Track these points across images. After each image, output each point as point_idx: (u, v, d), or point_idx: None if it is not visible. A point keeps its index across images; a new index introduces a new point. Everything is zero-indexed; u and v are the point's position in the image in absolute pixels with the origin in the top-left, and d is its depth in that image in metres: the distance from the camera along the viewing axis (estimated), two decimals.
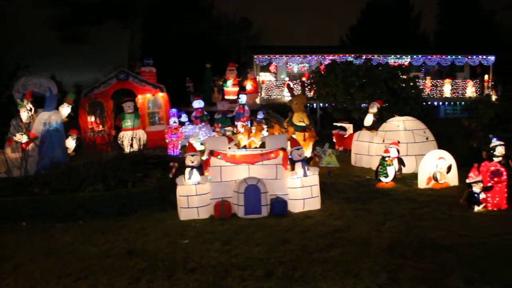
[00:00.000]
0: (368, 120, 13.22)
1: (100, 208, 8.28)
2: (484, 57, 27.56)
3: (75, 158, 12.33)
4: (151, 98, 17.20)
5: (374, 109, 13.32)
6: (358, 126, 13.99)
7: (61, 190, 8.73)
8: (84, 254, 6.43)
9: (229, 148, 8.84)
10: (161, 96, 17.27)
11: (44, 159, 11.10)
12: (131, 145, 12.79)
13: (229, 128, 15.02)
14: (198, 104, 17.77)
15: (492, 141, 8.28)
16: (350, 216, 7.86)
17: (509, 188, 8.19)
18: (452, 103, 26.82)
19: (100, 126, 13.89)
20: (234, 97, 21.51)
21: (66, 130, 12.98)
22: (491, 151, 8.21)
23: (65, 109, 13.40)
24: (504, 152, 8.20)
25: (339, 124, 15.41)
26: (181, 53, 29.59)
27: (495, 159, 8.17)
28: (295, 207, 8.24)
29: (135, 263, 6.02)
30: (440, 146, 11.33)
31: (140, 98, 17.00)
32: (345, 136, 14.67)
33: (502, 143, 8.22)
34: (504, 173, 8.13)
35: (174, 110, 15.10)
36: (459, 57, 27.42)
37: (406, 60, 26.80)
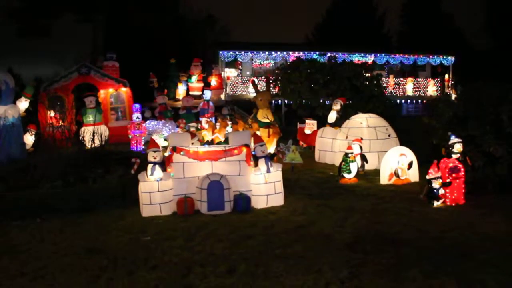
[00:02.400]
0: (332, 117, 13.36)
1: (59, 205, 8.08)
2: (445, 57, 28.31)
3: (34, 154, 12.00)
4: (114, 93, 16.90)
5: (337, 106, 13.46)
6: (322, 122, 14.12)
7: (18, 187, 8.48)
8: (41, 253, 6.24)
9: (192, 144, 8.77)
10: (124, 91, 16.99)
11: (0, 155, 10.74)
12: (93, 141, 12.54)
13: (193, 124, 14.90)
14: (162, 99, 17.58)
15: (451, 138, 8.49)
16: (313, 212, 7.93)
17: (466, 184, 8.44)
18: (414, 101, 27.44)
19: (60, 121, 13.55)
20: (199, 93, 21.36)
21: (24, 125, 12.59)
22: (450, 148, 8.41)
23: (23, 104, 13.02)
24: (461, 149, 8.43)
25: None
26: (145, 48, 29.16)
27: (454, 156, 8.38)
28: (259, 203, 8.25)
29: (95, 261, 5.89)
30: (401, 143, 11.56)
31: (102, 93, 16.67)
32: (305, 130, 14.76)
33: (460, 140, 8.44)
34: (462, 169, 8.36)
35: (137, 106, 14.88)
36: (421, 56, 28.07)
37: (370, 58, 27.24)
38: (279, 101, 23.49)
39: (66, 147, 10.93)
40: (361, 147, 10.91)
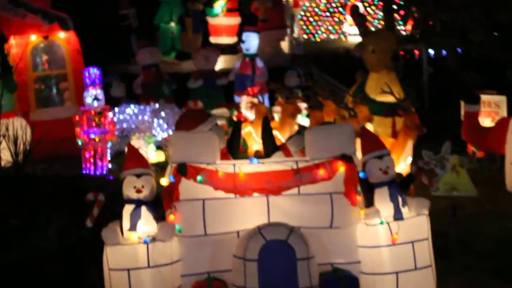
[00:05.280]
0: None
1: None
2: None
3: None
4: (42, 44, 17.24)
5: None
6: None
7: None
8: None
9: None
10: (63, 39, 17.28)
11: None
12: None
13: (221, 110, 15.01)
14: (149, 57, 17.74)
15: None
16: None
17: None
18: None
19: None
20: (232, 40, 21.53)
21: None
22: None
23: None
24: None
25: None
26: None
27: None
28: None
29: None
30: None
31: (14, 45, 17.01)
32: (479, 120, 14.58)
33: None
34: None
35: (94, 72, 15.01)
36: None
37: None
38: (417, 52, 23.39)
39: None
40: None
